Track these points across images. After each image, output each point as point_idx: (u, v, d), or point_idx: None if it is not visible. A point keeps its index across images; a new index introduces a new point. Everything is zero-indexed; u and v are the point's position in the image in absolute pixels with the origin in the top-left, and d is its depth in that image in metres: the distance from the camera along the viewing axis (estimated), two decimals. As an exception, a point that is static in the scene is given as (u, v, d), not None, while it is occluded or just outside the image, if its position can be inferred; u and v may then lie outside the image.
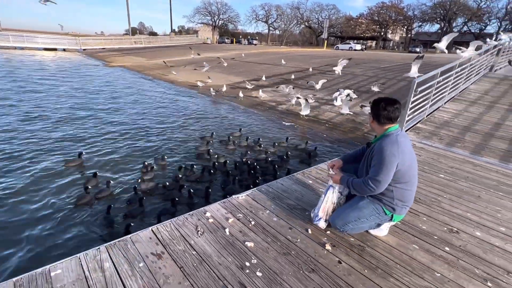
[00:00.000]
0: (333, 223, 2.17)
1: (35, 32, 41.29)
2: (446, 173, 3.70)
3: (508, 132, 5.51)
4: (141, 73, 16.44)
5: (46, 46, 29.19)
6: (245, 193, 2.80)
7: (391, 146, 1.86)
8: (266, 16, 59.07)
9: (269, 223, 2.36)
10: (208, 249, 2.01)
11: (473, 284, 1.85)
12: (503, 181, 3.55)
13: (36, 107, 7.67)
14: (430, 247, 2.19)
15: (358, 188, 2.01)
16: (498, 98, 7.69)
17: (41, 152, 4.82)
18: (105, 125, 6.49)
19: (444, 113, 6.50)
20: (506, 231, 2.46)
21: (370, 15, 50.93)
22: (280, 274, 1.83)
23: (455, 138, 5.16)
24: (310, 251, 2.06)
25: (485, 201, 3.01)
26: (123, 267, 1.79)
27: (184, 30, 68.80)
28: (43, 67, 16.55)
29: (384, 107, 1.95)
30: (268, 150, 5.23)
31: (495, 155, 4.50)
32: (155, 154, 5.06)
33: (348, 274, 1.86)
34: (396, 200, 2.00)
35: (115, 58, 23.23)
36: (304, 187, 3.03)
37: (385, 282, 1.82)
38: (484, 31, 42.50)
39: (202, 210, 2.49)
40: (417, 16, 46.40)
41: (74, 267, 1.78)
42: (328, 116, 7.62)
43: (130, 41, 36.24)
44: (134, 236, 2.09)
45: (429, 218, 2.60)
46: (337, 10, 56.24)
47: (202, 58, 20.52)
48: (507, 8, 39.16)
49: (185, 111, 8.31)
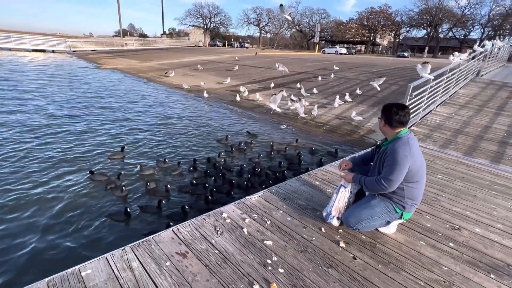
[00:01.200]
0: (346, 221, 2.29)
1: (20, 32, 40.27)
2: (442, 173, 3.89)
3: (496, 134, 5.81)
4: (136, 75, 16.30)
5: (35, 47, 28.58)
6: (257, 194, 2.90)
7: (403, 148, 2.00)
8: (257, 19, 59.57)
9: (284, 222, 2.47)
10: (229, 248, 2.09)
11: (478, 276, 2.00)
12: (495, 181, 3.77)
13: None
14: (435, 243, 2.34)
15: (370, 186, 2.14)
16: (486, 102, 8.05)
17: (66, 160, 4.81)
18: (134, 130, 6.62)
19: (436, 116, 6.78)
20: (503, 228, 2.64)
21: (359, 20, 52.15)
22: (301, 270, 1.93)
23: (448, 140, 5.41)
24: (326, 248, 2.17)
25: (481, 199, 3.20)
26: (151, 266, 1.86)
27: (175, 32, 68.54)
28: (38, 70, 16.20)
29: (396, 111, 2.09)
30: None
31: (486, 156, 4.75)
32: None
33: (364, 269, 1.98)
34: (406, 198, 2.15)
35: (107, 60, 22.95)
36: (312, 188, 3.15)
37: (399, 276, 1.94)
38: (468, 37, 44.19)
39: (218, 211, 2.57)
40: (404, 21, 47.82)
41: (103, 267, 1.83)
42: (325, 119, 7.80)
43: (122, 43, 35.87)
44: (156, 236, 2.16)
45: (432, 216, 2.76)
46: (327, 14, 57.42)
47: (196, 61, 20.56)
48: (489, 15, 40.88)
49: (194, 114, 8.35)
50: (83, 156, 4.95)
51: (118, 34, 51.56)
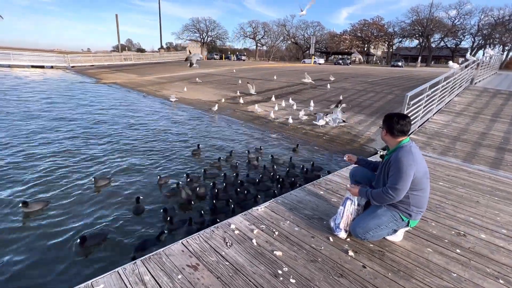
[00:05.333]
0: (354, 232, 2.32)
1: (18, 49, 40.61)
2: (444, 180, 3.94)
3: (494, 140, 5.91)
4: (136, 89, 16.44)
5: (33, 64, 28.84)
6: (263, 205, 2.92)
7: (407, 156, 2.05)
8: (253, 32, 60.80)
9: (292, 232, 2.48)
10: (239, 259, 2.10)
11: (487, 282, 2.02)
12: (496, 187, 3.82)
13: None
14: (443, 250, 2.36)
15: (377, 198, 2.18)
16: (481, 109, 8.21)
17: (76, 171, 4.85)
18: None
19: (434, 124, 6.89)
20: (508, 233, 2.68)
21: (353, 32, 53.45)
22: (312, 280, 1.94)
23: (447, 148, 5.49)
24: (335, 258, 2.18)
25: (484, 205, 3.24)
26: (163, 280, 1.86)
27: (173, 46, 69.58)
28: (43, 85, 16.30)
29: (397, 121, 2.16)
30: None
31: (485, 162, 4.82)
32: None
33: (374, 278, 1.99)
34: (412, 206, 2.18)
35: (106, 75, 23.18)
36: (317, 198, 3.18)
37: (409, 284, 1.96)
38: (459, 46, 45.34)
39: (226, 222, 2.58)
40: (397, 32, 49.12)
41: (116, 281, 1.83)
42: (324, 129, 7.89)
43: (120, 57, 36.28)
44: (166, 249, 2.16)
45: (437, 223, 2.79)
46: (321, 27, 58.74)
47: (194, 74, 20.82)
48: (478, 25, 42.11)
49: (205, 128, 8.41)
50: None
51: (116, 49, 52.24)
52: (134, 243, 2.98)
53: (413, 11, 45.49)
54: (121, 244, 3.00)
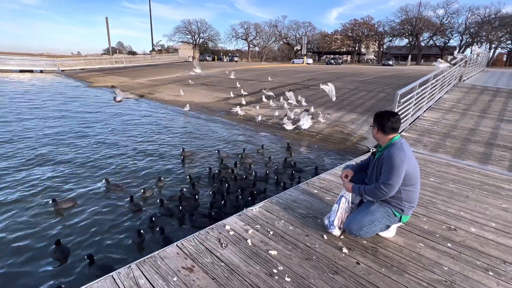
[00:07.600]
0: (348, 229, 2.35)
1: (5, 53, 39.78)
2: (435, 176, 4.02)
3: (482, 136, 6.04)
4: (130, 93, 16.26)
5: (22, 68, 28.34)
6: (258, 205, 2.93)
7: (398, 152, 2.09)
8: (245, 33, 60.90)
9: (287, 232, 2.50)
10: (235, 259, 2.11)
11: (477, 274, 2.07)
12: (485, 181, 3.92)
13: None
14: (434, 244, 2.41)
15: (370, 194, 2.22)
16: (470, 106, 8.38)
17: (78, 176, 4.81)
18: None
19: (424, 122, 7.01)
20: (496, 226, 2.74)
21: (344, 31, 53.94)
22: (307, 278, 1.96)
23: (437, 144, 5.59)
24: (329, 255, 2.21)
25: (473, 200, 3.31)
26: (158, 282, 1.86)
27: (164, 48, 69.12)
28: (35, 90, 15.99)
29: (388, 118, 2.20)
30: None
31: (474, 158, 4.93)
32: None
33: (368, 274, 2.02)
34: (404, 201, 2.23)
35: (97, 79, 22.91)
36: (311, 197, 3.21)
37: (402, 279, 1.99)
38: (448, 44, 46.19)
39: (220, 223, 2.59)
40: (387, 31, 49.71)
41: (110, 285, 1.82)
42: (317, 129, 7.95)
43: (111, 60, 35.92)
44: (161, 252, 2.16)
45: (429, 218, 2.84)
46: (313, 27, 59.13)
47: (187, 76, 20.72)
48: (466, 23, 42.99)
49: (211, 133, 8.38)
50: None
51: (107, 52, 51.68)
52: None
53: (402, 11, 46.24)
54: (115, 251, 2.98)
